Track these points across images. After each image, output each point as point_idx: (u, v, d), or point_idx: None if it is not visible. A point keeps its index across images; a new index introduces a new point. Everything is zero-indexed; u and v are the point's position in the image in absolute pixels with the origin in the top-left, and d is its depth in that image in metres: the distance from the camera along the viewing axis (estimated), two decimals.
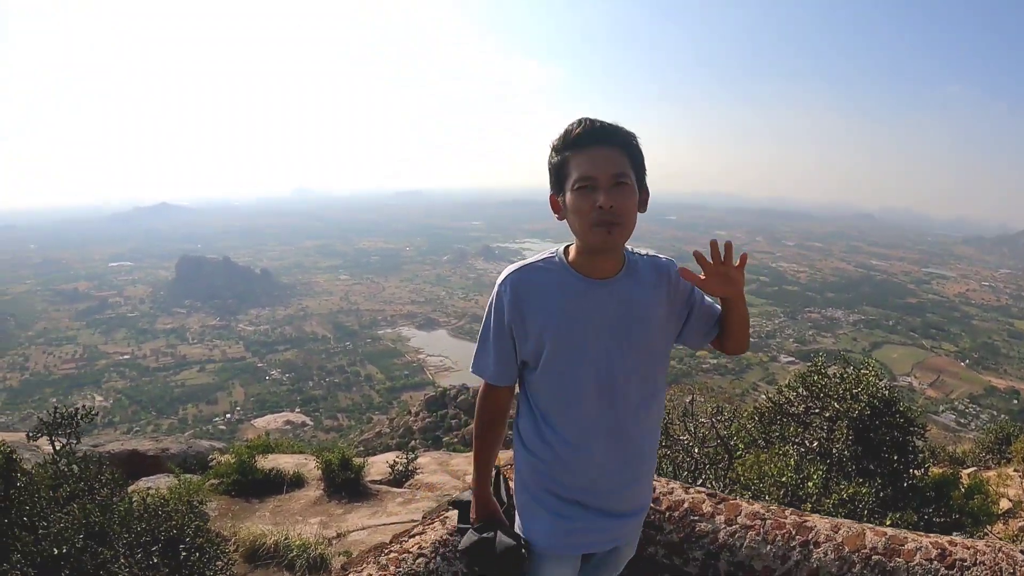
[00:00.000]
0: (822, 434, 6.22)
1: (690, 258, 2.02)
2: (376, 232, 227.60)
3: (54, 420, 7.03)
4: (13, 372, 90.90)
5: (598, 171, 1.93)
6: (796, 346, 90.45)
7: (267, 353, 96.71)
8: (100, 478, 5.34)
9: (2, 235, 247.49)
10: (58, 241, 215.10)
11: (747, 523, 2.94)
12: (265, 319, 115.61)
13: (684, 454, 6.72)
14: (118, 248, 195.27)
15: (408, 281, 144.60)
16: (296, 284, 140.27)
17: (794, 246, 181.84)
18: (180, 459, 8.83)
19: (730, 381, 72.64)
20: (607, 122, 1.99)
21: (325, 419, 70.72)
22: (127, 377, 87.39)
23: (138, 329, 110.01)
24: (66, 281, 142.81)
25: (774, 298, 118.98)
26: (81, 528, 3.99)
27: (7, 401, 79.41)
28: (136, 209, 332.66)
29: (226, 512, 6.67)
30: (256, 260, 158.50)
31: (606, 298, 2.08)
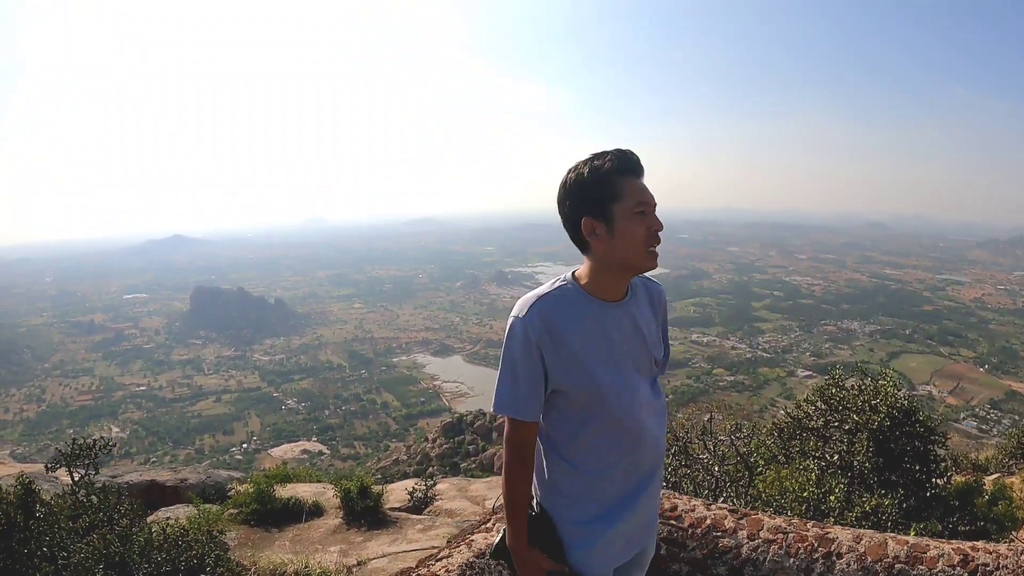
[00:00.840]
0: (842, 447, 6.17)
1: (705, 275, 2.04)
2: (389, 260, 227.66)
3: (72, 451, 7.06)
4: (30, 403, 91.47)
5: (650, 198, 2.05)
6: (813, 360, 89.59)
7: (283, 383, 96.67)
8: (119, 508, 5.35)
9: (18, 268, 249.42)
10: (74, 274, 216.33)
11: (769, 537, 2.93)
12: (280, 349, 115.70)
13: (704, 472, 6.67)
14: (133, 280, 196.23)
15: (422, 308, 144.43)
16: (311, 313, 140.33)
17: (807, 259, 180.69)
18: (199, 489, 8.82)
19: (748, 398, 72.31)
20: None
21: (342, 447, 70.45)
22: (144, 408, 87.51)
23: (154, 360, 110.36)
24: (82, 313, 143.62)
25: (789, 312, 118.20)
26: (101, 558, 3.99)
27: (24, 432, 79.80)
28: (150, 241, 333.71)
29: (246, 542, 6.65)
30: (270, 290, 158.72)
31: (623, 319, 2.13)
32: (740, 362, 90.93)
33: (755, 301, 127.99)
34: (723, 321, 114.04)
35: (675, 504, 3.27)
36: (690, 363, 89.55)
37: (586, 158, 2.07)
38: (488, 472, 34.78)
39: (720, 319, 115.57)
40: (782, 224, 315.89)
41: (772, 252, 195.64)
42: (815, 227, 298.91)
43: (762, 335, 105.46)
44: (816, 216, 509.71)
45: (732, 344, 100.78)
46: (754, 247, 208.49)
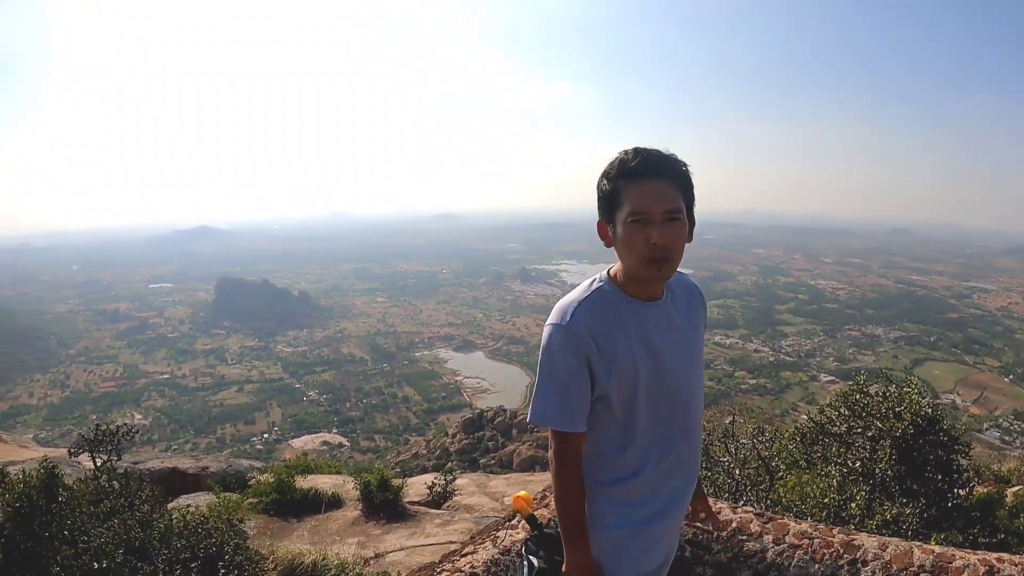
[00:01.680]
0: (864, 454, 6.11)
1: (729, 277, 1.98)
2: (413, 255, 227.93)
3: (95, 437, 7.10)
4: (54, 389, 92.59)
5: (652, 206, 1.90)
6: (836, 365, 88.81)
7: (305, 374, 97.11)
8: (140, 494, 5.38)
9: (45, 256, 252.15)
10: (100, 262, 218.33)
11: (795, 542, 2.90)
12: (303, 341, 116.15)
13: (725, 476, 6.63)
14: (158, 270, 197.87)
15: (445, 303, 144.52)
16: (334, 306, 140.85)
17: (832, 263, 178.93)
18: (220, 477, 8.86)
19: (769, 401, 72.07)
20: (662, 152, 1.96)
21: (362, 440, 70.73)
22: (166, 396, 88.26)
23: (178, 349, 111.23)
24: (107, 301, 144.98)
25: (813, 316, 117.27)
26: (121, 543, 4.01)
27: (48, 417, 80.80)
28: (176, 232, 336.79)
29: (265, 531, 6.68)
30: (294, 282, 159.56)
31: (662, 318, 2.08)
32: (763, 365, 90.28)
33: (779, 304, 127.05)
34: (746, 323, 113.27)
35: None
36: (712, 365, 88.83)
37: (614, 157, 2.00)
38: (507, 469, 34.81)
39: (743, 321, 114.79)
40: (807, 228, 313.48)
41: (797, 255, 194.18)
42: (840, 231, 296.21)
43: (785, 338, 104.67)
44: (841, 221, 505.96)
45: (755, 347, 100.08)
46: (779, 250, 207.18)
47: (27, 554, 4.20)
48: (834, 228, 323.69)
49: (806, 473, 6.17)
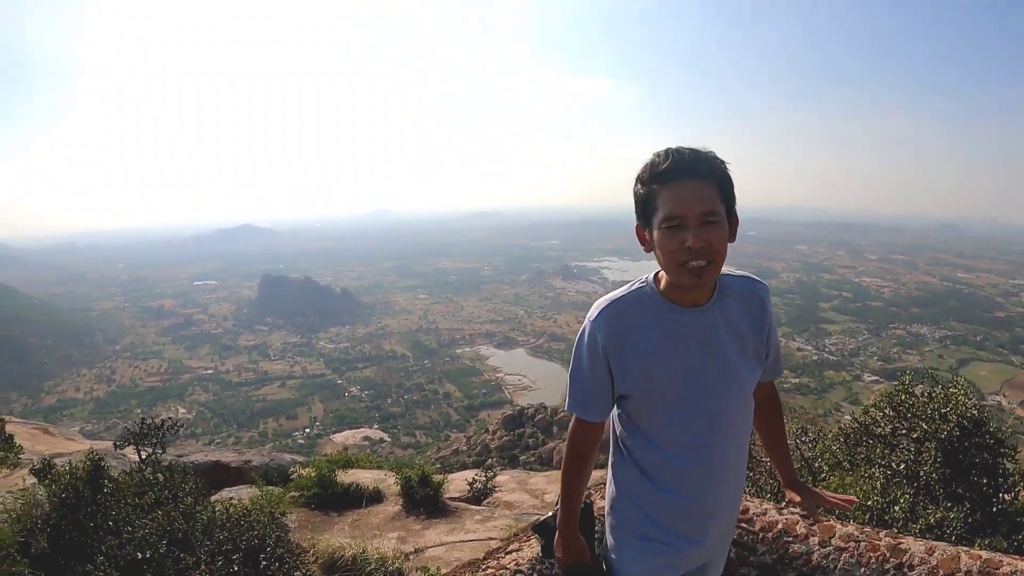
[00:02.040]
0: (909, 456, 6.01)
1: (772, 274, 1.92)
2: (454, 252, 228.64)
3: (140, 430, 7.22)
4: (100, 384, 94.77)
5: (687, 209, 1.82)
6: (881, 364, 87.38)
7: (347, 370, 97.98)
8: (184, 487, 5.45)
9: (92, 254, 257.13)
10: (145, 260, 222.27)
11: (841, 545, 2.86)
12: (345, 337, 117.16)
13: (767, 476, 6.57)
14: (203, 267, 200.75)
15: (486, 300, 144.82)
16: (376, 303, 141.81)
17: (877, 260, 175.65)
18: (262, 471, 8.94)
19: (812, 401, 71.30)
20: (696, 150, 1.87)
21: (403, 436, 71.19)
22: (210, 391, 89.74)
23: (221, 345, 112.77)
24: (152, 298, 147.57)
25: (857, 314, 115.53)
26: (164, 534, 4.06)
27: (94, 411, 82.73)
28: (220, 230, 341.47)
29: (306, 524, 6.73)
30: (336, 280, 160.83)
31: (702, 326, 2.00)
32: (806, 364, 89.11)
33: (823, 302, 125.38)
34: (789, 321, 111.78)
35: (747, 507, 3.21)
36: None
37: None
38: (547, 466, 34.80)
39: (787, 319, 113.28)
40: (851, 223, 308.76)
41: (841, 252, 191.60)
42: (885, 227, 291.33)
43: (829, 337, 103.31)
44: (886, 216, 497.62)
45: (798, 345, 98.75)
46: (822, 246, 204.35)
47: (72, 544, 4.28)
48: (879, 224, 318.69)
49: (849, 475, 6.08)
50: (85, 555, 4.06)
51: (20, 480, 6.40)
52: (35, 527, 4.44)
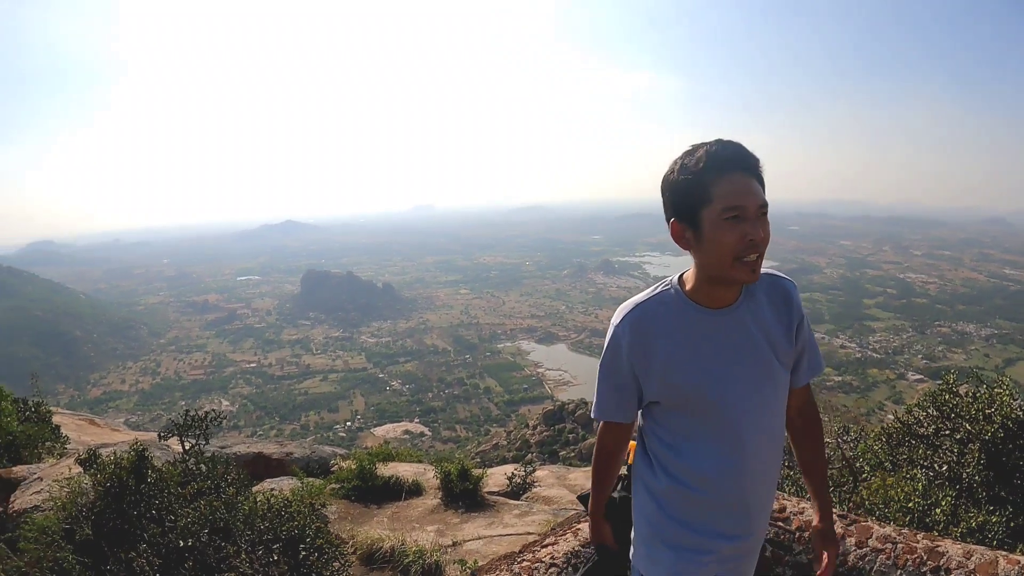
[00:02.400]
0: (952, 457, 5.92)
1: (815, 269, 1.88)
2: (496, 247, 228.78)
3: (184, 422, 7.33)
4: (146, 376, 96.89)
5: (747, 200, 1.79)
6: (925, 363, 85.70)
7: (388, 364, 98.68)
8: (226, 477, 5.54)
9: (138, 251, 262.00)
10: (190, 256, 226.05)
11: (878, 546, 2.83)
12: (387, 332, 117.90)
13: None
14: (246, 263, 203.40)
15: (528, 295, 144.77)
16: (417, 298, 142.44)
17: (922, 255, 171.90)
18: (303, 463, 9.03)
19: (855, 400, 70.32)
20: (742, 144, 1.83)
21: (443, 430, 71.55)
22: (253, 384, 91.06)
23: (264, 339, 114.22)
24: (197, 293, 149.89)
25: (902, 311, 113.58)
26: (206, 523, 4.13)
27: (139, 403, 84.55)
28: (263, 227, 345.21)
29: (346, 516, 6.79)
30: (378, 275, 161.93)
31: (731, 328, 1.97)
32: (849, 362, 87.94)
33: (867, 298, 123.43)
34: (833, 318, 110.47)
35: (784, 506, 3.20)
36: None
37: (683, 152, 1.88)
38: (587, 462, 34.69)
39: (830, 316, 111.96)
40: (896, 218, 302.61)
41: (886, 247, 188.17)
42: (931, 222, 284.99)
43: (873, 334, 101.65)
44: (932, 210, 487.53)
45: (841, 343, 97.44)
46: (867, 241, 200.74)
47: (116, 531, 4.35)
48: (924, 218, 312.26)
49: (891, 476, 6.00)
50: (128, 543, 4.13)
51: (66, 469, 6.51)
52: (80, 515, 4.52)
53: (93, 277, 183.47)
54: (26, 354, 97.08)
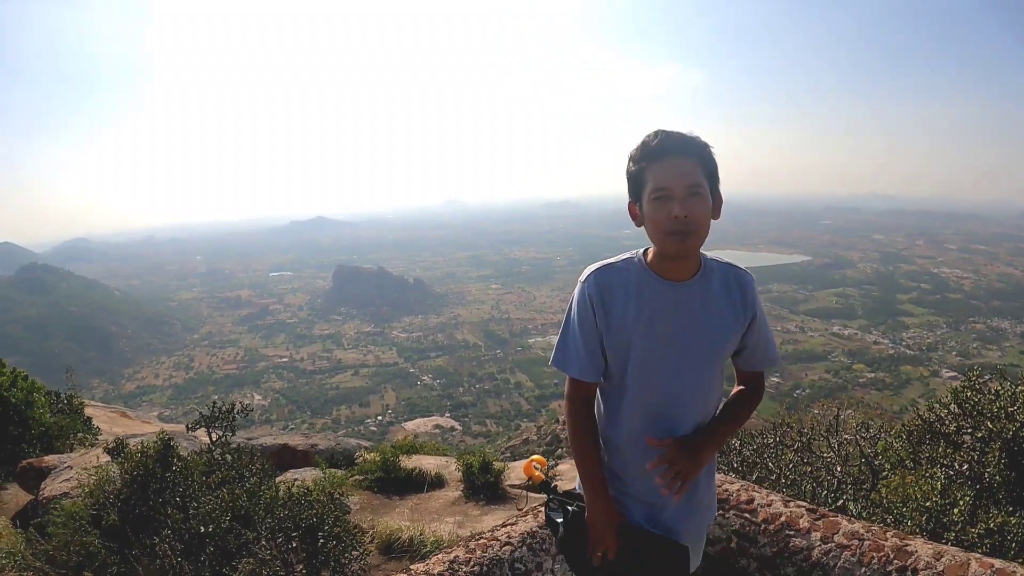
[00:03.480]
0: (973, 456, 5.86)
1: (848, 264, 1.93)
2: (527, 242, 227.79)
3: (212, 414, 7.48)
4: (179, 371, 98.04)
5: (673, 182, 2.00)
6: (959, 360, 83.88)
7: (419, 359, 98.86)
8: (251, 467, 5.65)
9: (171, 247, 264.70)
10: (222, 253, 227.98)
11: (843, 542, 2.83)
12: (418, 327, 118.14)
13: (826, 472, 6.49)
14: (278, 259, 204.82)
15: (559, 290, 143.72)
16: (448, 293, 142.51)
17: (957, 250, 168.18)
18: (328, 455, 9.15)
19: (887, 397, 69.45)
20: (683, 133, 2.05)
21: (474, 424, 71.52)
22: (285, 378, 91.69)
23: (296, 334, 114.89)
24: (229, 289, 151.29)
25: (936, 307, 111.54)
26: (228, 510, 4.25)
27: (172, 397, 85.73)
28: (294, 223, 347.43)
29: (367, 506, 6.90)
30: (409, 270, 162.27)
31: (682, 299, 2.13)
32: (882, 358, 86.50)
33: (901, 293, 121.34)
34: (866, 314, 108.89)
35: (752, 497, 3.22)
36: (830, 357, 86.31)
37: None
38: None
39: (863, 311, 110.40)
40: (930, 211, 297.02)
41: (919, 241, 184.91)
42: (966, 215, 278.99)
43: (907, 330, 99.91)
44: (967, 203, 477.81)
45: (874, 339, 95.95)
46: (900, 235, 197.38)
47: (141, 517, 4.49)
48: (959, 211, 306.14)
49: (911, 474, 5.97)
50: (153, 528, 4.26)
51: (95, 458, 6.69)
52: (107, 501, 4.67)
53: (127, 273, 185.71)
54: (62, 349, 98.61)
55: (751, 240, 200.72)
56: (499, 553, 2.95)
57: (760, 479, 6.14)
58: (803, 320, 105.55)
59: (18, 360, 14.68)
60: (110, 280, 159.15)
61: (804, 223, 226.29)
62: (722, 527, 3.17)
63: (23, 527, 5.86)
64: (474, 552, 2.96)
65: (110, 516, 4.53)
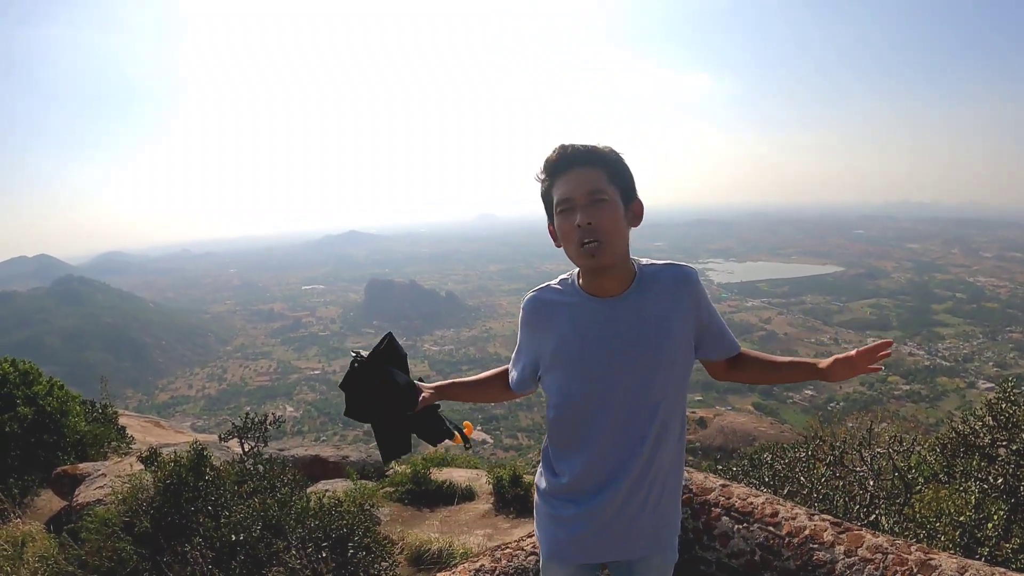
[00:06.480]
0: (1008, 469, 5.77)
1: (883, 274, 1.90)
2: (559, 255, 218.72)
3: (244, 425, 7.57)
4: (212, 382, 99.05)
5: (574, 191, 1.96)
6: (996, 371, 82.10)
7: (451, 372, 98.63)
8: (282, 478, 5.71)
9: (206, 261, 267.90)
10: (256, 266, 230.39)
11: (867, 556, 2.78)
12: (449, 340, 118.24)
13: (858, 486, 6.42)
14: (311, 272, 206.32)
15: None
16: (480, 306, 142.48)
17: (993, 258, 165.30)
18: (359, 466, 9.21)
19: (923, 409, 68.48)
20: (586, 144, 2.01)
21: (505, 438, 71.34)
22: (317, 391, 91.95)
23: (329, 347, 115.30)
24: (263, 302, 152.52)
25: (972, 317, 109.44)
26: (259, 519, 4.30)
27: (205, 407, 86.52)
28: (327, 237, 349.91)
29: (398, 518, 6.93)
30: (441, 284, 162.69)
31: (613, 317, 2.06)
32: (918, 370, 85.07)
33: (936, 303, 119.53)
34: (901, 325, 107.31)
35: (776, 510, 3.19)
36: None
37: None
38: None
39: (898, 322, 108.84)
40: (965, 219, 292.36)
41: (955, 250, 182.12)
42: (1002, 222, 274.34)
43: (942, 341, 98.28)
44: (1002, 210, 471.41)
45: (909, 350, 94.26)
46: (935, 244, 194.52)
47: (173, 525, 4.55)
48: (994, 219, 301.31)
49: (945, 488, 5.88)
50: (185, 536, 4.31)
51: (129, 466, 6.77)
52: (140, 509, 4.75)
53: (162, 286, 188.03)
54: (97, 359, 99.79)
55: (784, 250, 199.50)
56: (524, 563, 2.97)
57: (792, 493, 6.08)
58: (837, 332, 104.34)
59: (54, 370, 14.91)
60: (145, 292, 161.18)
61: (838, 232, 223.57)
62: (746, 540, 3.14)
63: (56, 532, 5.95)
64: (499, 561, 2.98)
65: (143, 523, 4.60)
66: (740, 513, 3.23)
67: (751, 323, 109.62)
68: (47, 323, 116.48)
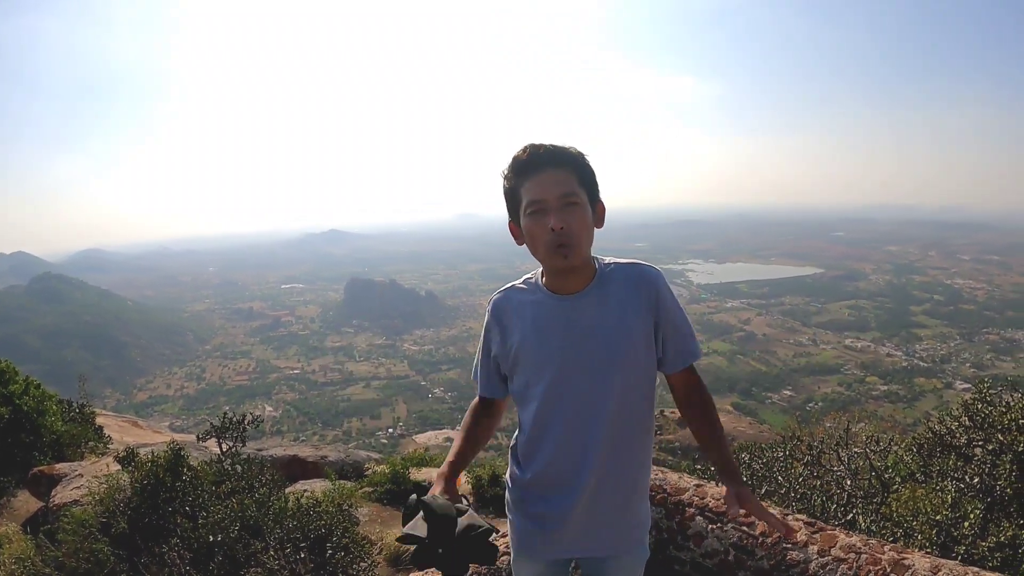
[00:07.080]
0: (984, 469, 5.82)
1: (861, 276, 1.90)
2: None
3: (223, 425, 7.53)
4: (190, 381, 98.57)
5: (547, 194, 1.97)
6: (973, 371, 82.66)
7: (430, 372, 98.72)
8: (260, 478, 5.70)
9: (185, 259, 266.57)
10: (236, 265, 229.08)
11: (840, 556, 2.80)
12: (429, 339, 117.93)
13: (836, 486, 6.47)
14: (291, 271, 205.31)
15: None
16: (460, 306, 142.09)
17: (970, 260, 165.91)
18: (338, 466, 9.20)
19: (901, 410, 68.86)
20: (555, 145, 2.03)
21: None
22: (296, 390, 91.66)
23: (308, 346, 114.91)
24: (242, 300, 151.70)
25: (949, 319, 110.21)
26: (237, 519, 4.28)
27: (183, 407, 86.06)
28: (307, 235, 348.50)
29: (376, 518, 6.93)
30: (421, 283, 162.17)
31: (574, 312, 2.09)
32: (895, 371, 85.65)
33: (914, 305, 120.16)
34: (879, 326, 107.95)
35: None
36: (842, 369, 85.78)
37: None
38: None
39: (876, 324, 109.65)
40: (943, 221, 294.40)
41: (933, 252, 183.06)
42: (979, 225, 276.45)
43: (920, 342, 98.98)
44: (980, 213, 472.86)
45: (887, 351, 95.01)
46: (913, 246, 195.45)
47: (151, 526, 4.54)
48: (971, 221, 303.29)
49: (921, 487, 5.93)
50: (162, 537, 4.30)
51: (106, 466, 6.74)
52: (117, 509, 4.73)
53: (141, 284, 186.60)
54: (76, 358, 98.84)
55: (764, 252, 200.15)
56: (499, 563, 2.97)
57: (769, 493, 6.13)
58: (815, 332, 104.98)
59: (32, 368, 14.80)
60: (124, 290, 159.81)
61: (817, 234, 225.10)
62: (720, 540, 3.16)
63: (33, 534, 5.92)
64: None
65: (120, 524, 4.58)
66: (714, 513, 3.26)
67: (730, 324, 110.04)
68: (25, 321, 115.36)
